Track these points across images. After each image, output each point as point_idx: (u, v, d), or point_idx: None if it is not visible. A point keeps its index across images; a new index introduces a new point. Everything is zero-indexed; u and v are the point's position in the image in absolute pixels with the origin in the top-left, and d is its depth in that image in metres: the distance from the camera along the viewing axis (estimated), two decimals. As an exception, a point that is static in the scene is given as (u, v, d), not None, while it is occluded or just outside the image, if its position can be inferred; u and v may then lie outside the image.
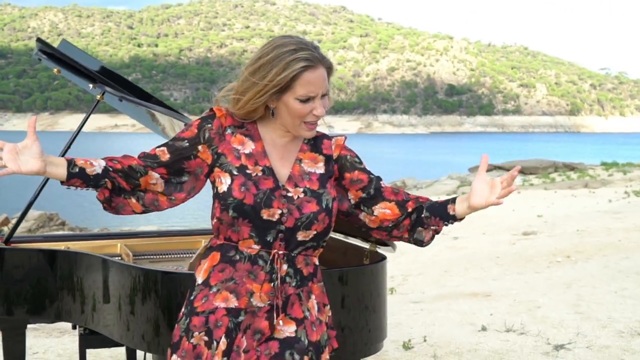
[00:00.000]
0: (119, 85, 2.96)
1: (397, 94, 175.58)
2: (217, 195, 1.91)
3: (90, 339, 3.77)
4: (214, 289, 1.92)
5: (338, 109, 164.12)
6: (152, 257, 3.16)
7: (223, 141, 1.96)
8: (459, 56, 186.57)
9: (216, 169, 1.94)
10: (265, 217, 1.90)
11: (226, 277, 1.92)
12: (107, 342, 3.80)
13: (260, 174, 1.93)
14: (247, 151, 1.96)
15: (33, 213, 22.11)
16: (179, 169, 1.95)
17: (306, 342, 1.92)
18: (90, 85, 2.93)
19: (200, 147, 1.95)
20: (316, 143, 2.03)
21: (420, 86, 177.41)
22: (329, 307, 2.04)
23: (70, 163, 1.83)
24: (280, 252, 1.92)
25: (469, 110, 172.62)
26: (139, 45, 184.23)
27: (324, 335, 1.99)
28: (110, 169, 1.87)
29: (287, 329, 1.92)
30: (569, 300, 6.18)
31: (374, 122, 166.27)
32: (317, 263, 2.02)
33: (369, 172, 2.05)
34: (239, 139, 1.97)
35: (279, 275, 1.91)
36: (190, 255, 3.15)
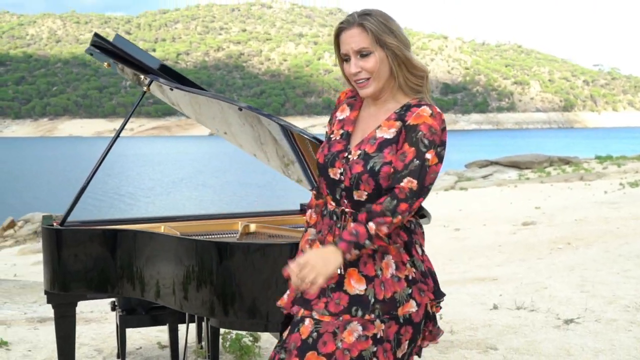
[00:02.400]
0: (173, 78, 3.20)
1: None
2: None
3: (129, 319, 4.05)
4: (312, 237, 2.28)
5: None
6: (195, 237, 3.40)
7: (335, 112, 2.30)
8: (453, 55, 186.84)
9: None
10: (331, 175, 2.17)
11: (319, 229, 2.25)
12: (144, 322, 4.08)
13: (338, 137, 2.21)
14: (341, 117, 2.27)
15: (39, 215, 22.33)
16: None
17: (373, 300, 2.08)
18: (142, 76, 3.15)
19: (327, 129, 2.30)
20: (406, 111, 2.12)
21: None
22: (412, 263, 2.13)
23: None
24: (347, 210, 2.14)
25: (464, 109, 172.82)
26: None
27: (402, 291, 2.10)
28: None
29: (358, 287, 2.09)
30: (573, 281, 6.44)
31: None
32: None
33: (419, 157, 2.04)
34: (343, 107, 2.29)
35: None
36: (229, 235, 3.38)
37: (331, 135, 2.24)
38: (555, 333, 4.59)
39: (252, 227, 3.30)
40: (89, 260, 2.99)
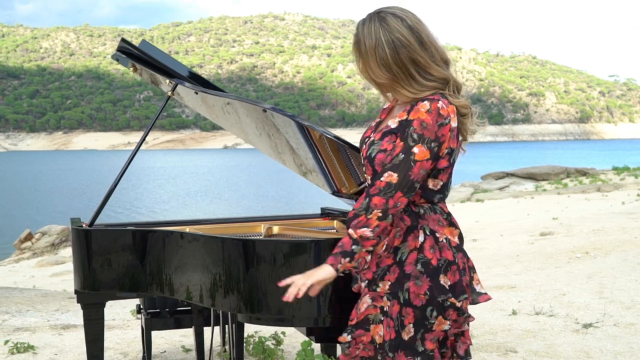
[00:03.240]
0: (199, 84, 3.27)
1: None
2: None
3: (154, 322, 4.13)
4: None
5: (348, 122, 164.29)
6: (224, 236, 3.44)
7: None
8: (467, 67, 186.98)
9: None
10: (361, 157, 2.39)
11: None
12: (169, 325, 4.16)
13: (374, 123, 2.41)
14: (383, 107, 2.47)
15: (56, 227, 22.59)
16: None
17: (375, 274, 2.25)
18: (167, 81, 3.22)
19: None
20: (413, 105, 2.21)
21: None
22: (405, 256, 2.19)
23: None
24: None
25: (479, 120, 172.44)
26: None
27: (378, 270, 2.22)
28: None
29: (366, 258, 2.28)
30: (592, 288, 6.45)
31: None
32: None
33: (405, 152, 2.14)
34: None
35: None
36: (253, 237, 3.43)
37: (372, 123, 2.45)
38: (574, 337, 4.61)
39: (275, 229, 3.36)
40: (119, 260, 3.06)
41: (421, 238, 2.20)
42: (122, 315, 6.67)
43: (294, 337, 4.80)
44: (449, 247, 2.22)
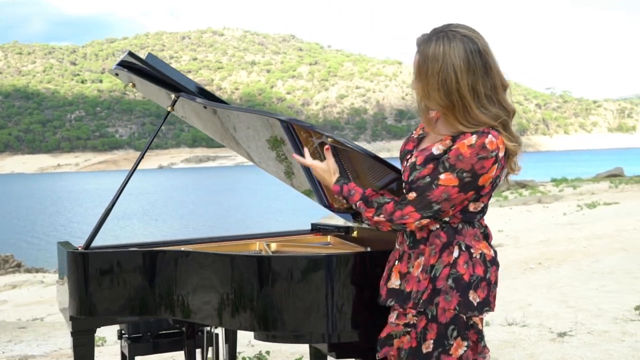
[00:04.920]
0: (207, 98, 3.20)
1: (347, 121, 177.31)
2: None
3: (138, 346, 4.02)
4: None
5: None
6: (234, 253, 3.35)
7: None
8: (408, 81, 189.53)
9: None
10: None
11: None
12: (157, 349, 4.06)
13: (417, 135, 2.41)
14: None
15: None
16: None
17: (405, 293, 2.27)
18: (173, 95, 3.15)
19: None
20: (459, 134, 2.16)
21: (370, 112, 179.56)
22: (438, 272, 2.19)
23: None
24: None
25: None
26: (82, 82, 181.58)
27: (419, 291, 2.22)
28: None
29: (395, 282, 2.32)
30: (555, 298, 6.62)
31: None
32: (432, 229, 2.22)
33: (433, 175, 2.17)
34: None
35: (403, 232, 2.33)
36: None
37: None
38: (552, 346, 4.72)
39: (274, 247, 3.33)
40: (122, 283, 2.98)
41: (455, 254, 2.21)
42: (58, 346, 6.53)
43: (278, 357, 4.77)
44: (482, 263, 2.22)
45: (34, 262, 25.62)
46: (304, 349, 4.56)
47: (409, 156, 2.32)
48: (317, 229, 3.84)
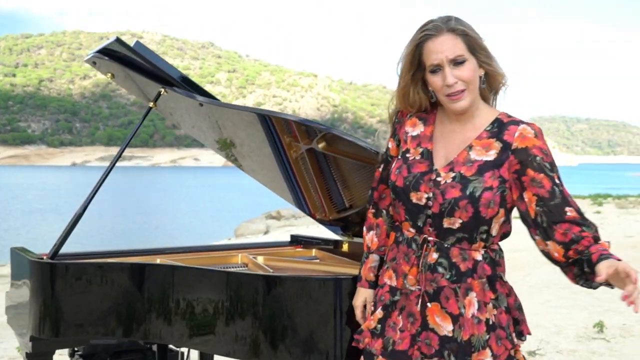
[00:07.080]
0: (196, 92, 2.92)
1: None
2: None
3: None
4: (386, 266, 2.07)
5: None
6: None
7: (402, 127, 2.09)
8: (322, 93, 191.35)
9: None
10: (414, 200, 1.95)
11: (392, 257, 2.05)
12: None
13: (418, 157, 2.00)
14: (414, 133, 2.05)
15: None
16: (388, 174, 2.09)
17: (461, 342, 1.92)
18: (162, 90, 2.84)
19: (390, 144, 2.12)
20: (501, 128, 1.94)
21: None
22: (492, 304, 1.95)
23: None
24: (430, 238, 1.94)
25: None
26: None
27: (479, 336, 1.91)
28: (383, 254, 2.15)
29: (446, 327, 1.93)
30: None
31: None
32: (478, 258, 1.94)
33: (555, 183, 1.89)
34: (413, 121, 2.07)
35: (426, 262, 1.93)
36: (236, 268, 3.08)
37: (407, 155, 2.02)
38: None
39: (260, 260, 3.04)
40: (92, 300, 2.61)
41: (503, 285, 2.03)
42: (8, 352, 5.99)
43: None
44: (512, 289, 2.09)
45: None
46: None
47: (431, 176, 1.96)
48: (297, 241, 3.58)
